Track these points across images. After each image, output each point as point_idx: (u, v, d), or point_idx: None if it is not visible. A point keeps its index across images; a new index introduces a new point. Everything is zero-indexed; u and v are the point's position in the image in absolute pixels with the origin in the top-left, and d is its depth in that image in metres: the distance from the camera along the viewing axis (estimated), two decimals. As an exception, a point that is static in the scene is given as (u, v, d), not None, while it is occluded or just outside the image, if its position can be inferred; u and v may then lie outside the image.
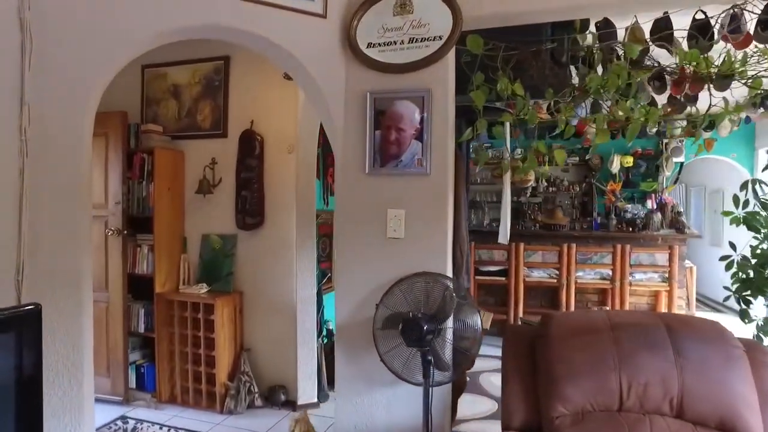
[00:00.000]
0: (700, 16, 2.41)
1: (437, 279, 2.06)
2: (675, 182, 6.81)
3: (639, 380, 1.61)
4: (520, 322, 4.80)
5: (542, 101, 2.68)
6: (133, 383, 3.47)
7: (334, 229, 2.68)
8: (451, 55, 2.11)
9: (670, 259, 4.54)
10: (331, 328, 3.73)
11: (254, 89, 3.49)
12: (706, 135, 3.52)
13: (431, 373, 1.96)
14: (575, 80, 2.51)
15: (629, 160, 6.57)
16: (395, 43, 2.12)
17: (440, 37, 2.06)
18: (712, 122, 4.28)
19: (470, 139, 2.41)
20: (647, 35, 2.51)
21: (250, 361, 3.45)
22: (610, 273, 4.74)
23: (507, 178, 3.14)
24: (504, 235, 2.98)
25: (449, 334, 2.02)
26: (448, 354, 2.04)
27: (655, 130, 6.30)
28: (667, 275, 4.58)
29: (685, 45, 2.42)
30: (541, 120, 2.28)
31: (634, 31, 2.58)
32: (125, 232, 3.41)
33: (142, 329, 3.48)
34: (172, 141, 3.61)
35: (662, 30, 2.44)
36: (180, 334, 3.40)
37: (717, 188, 7.57)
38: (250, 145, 3.48)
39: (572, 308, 4.88)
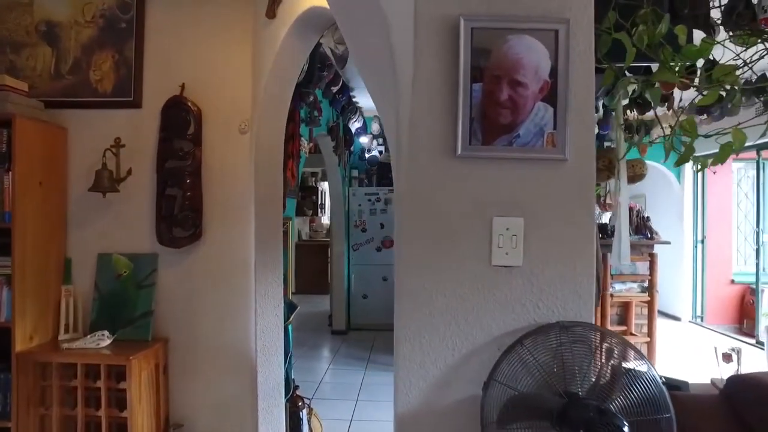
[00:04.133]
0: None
1: (589, 333, 1.24)
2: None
3: None
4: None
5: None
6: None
7: (395, 252, 1.46)
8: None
9: (651, 268, 4.24)
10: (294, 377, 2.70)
11: (187, 36, 2.35)
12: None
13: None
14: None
15: (574, 164, 6.40)
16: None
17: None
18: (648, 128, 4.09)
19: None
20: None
21: (181, 444, 2.29)
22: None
23: (623, 169, 2.26)
24: (622, 253, 2.15)
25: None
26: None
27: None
28: (646, 285, 4.28)
29: None
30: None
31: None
32: (-41, 254, 2.05)
33: (-9, 412, 2.13)
34: (47, 110, 2.30)
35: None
36: (62, 419, 2.11)
37: (639, 193, 7.82)
38: (180, 121, 2.34)
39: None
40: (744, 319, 6.19)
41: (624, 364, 1.20)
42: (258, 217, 2.34)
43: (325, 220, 10.63)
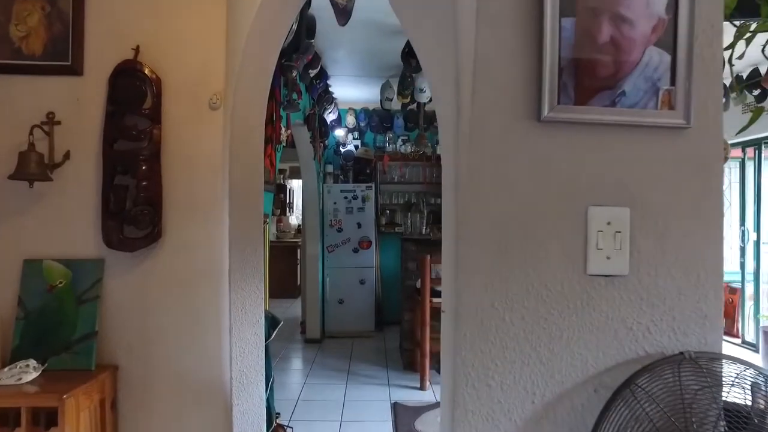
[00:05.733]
0: None
1: (732, 368, 0.88)
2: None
3: None
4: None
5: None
6: None
7: (446, 256, 0.92)
8: None
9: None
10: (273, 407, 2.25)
11: (143, -14, 1.87)
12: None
13: None
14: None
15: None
16: None
17: None
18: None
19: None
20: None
21: (135, 500, 1.81)
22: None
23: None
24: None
25: None
26: None
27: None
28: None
29: None
30: None
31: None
32: None
33: None
34: (-47, 73, 1.77)
35: None
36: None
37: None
38: (134, 92, 1.85)
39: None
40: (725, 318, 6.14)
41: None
42: (233, 212, 1.89)
43: (293, 220, 10.13)
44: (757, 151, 5.25)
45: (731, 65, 1.37)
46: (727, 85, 1.83)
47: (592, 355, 0.93)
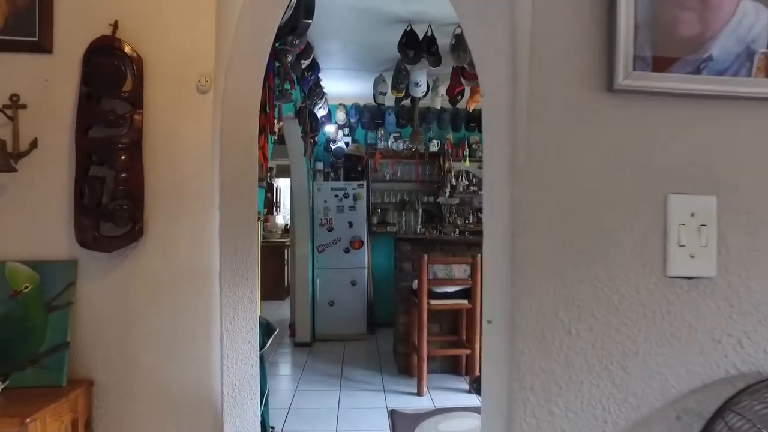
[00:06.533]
0: None
1: None
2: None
3: None
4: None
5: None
6: None
7: (493, 257, 0.69)
8: None
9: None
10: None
11: (122, -47, 1.67)
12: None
13: None
14: None
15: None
16: None
17: None
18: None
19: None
20: None
21: None
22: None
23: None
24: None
25: None
26: None
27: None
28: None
29: None
30: None
31: None
32: None
33: None
34: None
35: None
36: None
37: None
38: (112, 73, 1.65)
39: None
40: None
41: None
42: (225, 208, 1.69)
43: (280, 219, 9.91)
44: None
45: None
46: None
47: (672, 374, 0.77)
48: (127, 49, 1.67)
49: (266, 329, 1.95)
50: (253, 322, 1.74)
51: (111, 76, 1.65)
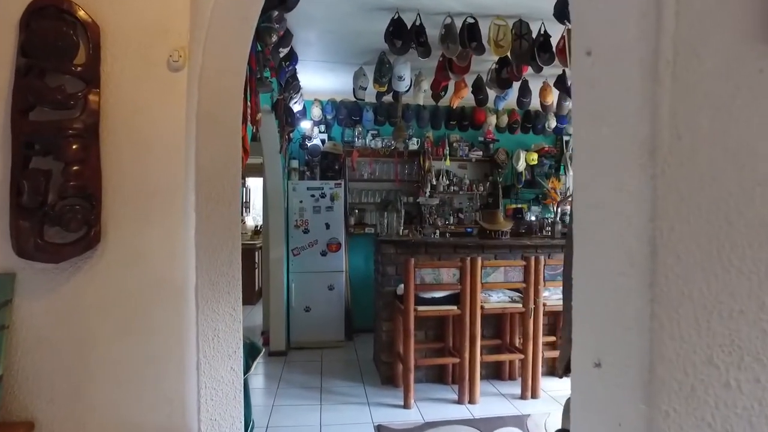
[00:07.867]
0: None
1: None
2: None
3: None
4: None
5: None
6: None
7: (575, 281, 0.37)
8: None
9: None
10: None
11: None
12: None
13: None
14: None
15: (534, 158, 5.98)
16: None
17: None
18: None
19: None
20: None
21: None
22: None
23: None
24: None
25: None
26: None
27: (554, 125, 5.85)
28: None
29: None
30: None
31: None
32: None
33: None
34: None
35: None
36: None
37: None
38: (59, 41, 1.34)
39: (540, 343, 3.81)
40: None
41: None
42: (202, 207, 1.40)
43: (250, 220, 9.49)
44: None
45: None
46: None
47: None
48: (80, 13, 1.36)
49: (250, 350, 1.67)
50: (236, 345, 1.45)
51: (58, 46, 1.34)
